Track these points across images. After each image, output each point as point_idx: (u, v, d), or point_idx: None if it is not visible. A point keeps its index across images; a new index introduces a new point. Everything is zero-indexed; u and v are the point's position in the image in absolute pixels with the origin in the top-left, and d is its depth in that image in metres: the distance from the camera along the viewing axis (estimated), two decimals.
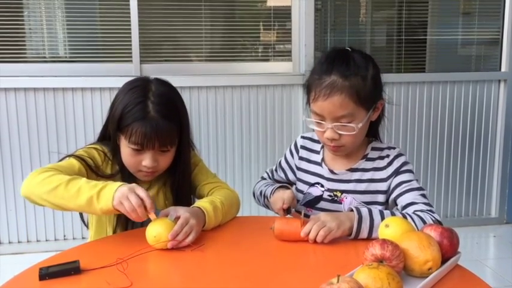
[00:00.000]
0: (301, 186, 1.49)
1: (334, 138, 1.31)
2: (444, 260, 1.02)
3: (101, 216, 1.38)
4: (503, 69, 3.21)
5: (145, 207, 1.15)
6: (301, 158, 1.50)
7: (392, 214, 1.25)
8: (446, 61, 3.32)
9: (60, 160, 1.33)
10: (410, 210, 1.28)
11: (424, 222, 1.22)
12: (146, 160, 1.32)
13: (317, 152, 1.48)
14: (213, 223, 1.27)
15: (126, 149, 1.34)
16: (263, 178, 1.61)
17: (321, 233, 1.17)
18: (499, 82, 3.21)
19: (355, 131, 1.29)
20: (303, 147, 1.51)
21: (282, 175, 1.56)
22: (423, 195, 1.32)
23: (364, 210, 1.22)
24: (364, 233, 1.20)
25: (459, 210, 3.31)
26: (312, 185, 1.45)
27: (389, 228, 1.10)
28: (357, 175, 1.39)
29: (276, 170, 1.58)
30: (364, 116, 1.31)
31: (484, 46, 3.28)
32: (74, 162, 1.31)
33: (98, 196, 1.16)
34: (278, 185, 1.46)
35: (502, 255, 2.93)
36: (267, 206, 1.50)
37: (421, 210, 1.26)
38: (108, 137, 1.40)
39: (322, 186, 1.43)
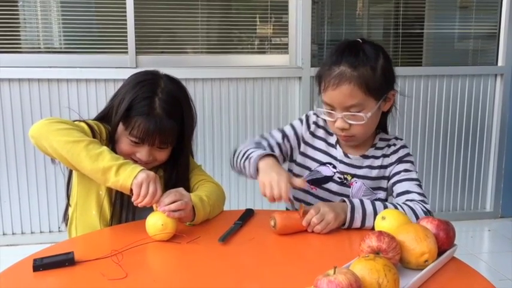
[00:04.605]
0: (309, 162, 1.46)
1: (344, 128, 1.32)
2: (440, 253, 1.03)
3: (89, 194, 1.35)
4: (500, 63, 3.21)
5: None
6: (313, 135, 1.46)
7: (384, 205, 1.27)
8: (443, 55, 3.31)
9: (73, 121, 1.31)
10: (402, 199, 1.32)
11: (414, 212, 1.25)
12: (142, 153, 1.33)
13: (331, 134, 1.46)
14: (201, 216, 1.27)
15: (124, 138, 1.34)
16: (257, 143, 1.44)
17: (318, 227, 1.20)
18: (496, 76, 3.21)
19: (365, 120, 1.30)
20: (316, 124, 1.47)
21: (288, 145, 1.46)
22: (419, 186, 1.35)
23: (356, 201, 1.25)
24: (357, 222, 1.23)
25: (454, 204, 3.32)
26: (323, 163, 1.45)
27: (386, 220, 1.10)
28: (368, 162, 1.42)
29: (281, 138, 1.45)
30: (374, 106, 1.32)
31: (481, 40, 3.27)
32: (85, 127, 1.29)
33: (118, 169, 1.17)
34: (267, 152, 1.33)
35: (496, 249, 2.94)
36: (240, 171, 1.39)
37: (413, 200, 1.29)
38: (105, 122, 1.39)
39: (334, 167, 1.43)
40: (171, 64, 2.89)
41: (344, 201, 1.26)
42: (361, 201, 1.25)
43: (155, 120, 1.29)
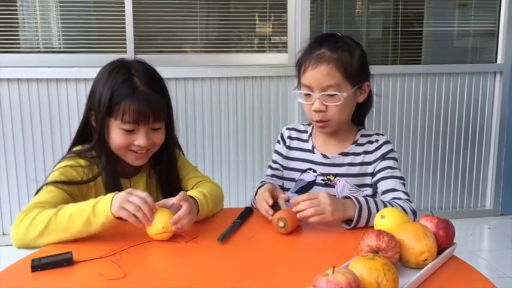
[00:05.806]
0: (292, 174, 1.51)
1: (321, 110, 1.36)
2: (440, 251, 1.02)
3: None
4: (499, 61, 3.20)
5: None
6: (289, 148, 1.53)
7: (384, 204, 1.27)
8: (442, 53, 3.31)
9: (38, 190, 1.25)
10: (389, 196, 1.35)
11: (404, 210, 1.26)
12: (140, 139, 1.28)
13: (305, 141, 1.51)
14: (205, 212, 1.27)
15: (117, 131, 1.29)
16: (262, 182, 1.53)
17: (311, 210, 1.18)
18: (495, 74, 3.21)
19: (341, 100, 1.34)
20: (289, 137, 1.54)
21: (278, 166, 1.55)
22: (403, 185, 1.39)
23: (363, 200, 1.24)
24: (362, 223, 1.23)
25: (454, 202, 3.32)
26: (303, 171, 1.48)
27: (385, 219, 1.10)
28: (349, 159, 1.44)
29: (272, 168, 1.55)
30: (350, 89, 1.36)
31: (480, 38, 3.27)
32: (54, 191, 1.24)
33: (93, 212, 1.13)
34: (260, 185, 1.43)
35: (496, 246, 2.94)
36: None
37: (399, 198, 1.32)
38: (88, 132, 1.36)
39: (314, 171, 1.46)
40: (170, 63, 2.89)
41: (348, 197, 1.25)
42: (366, 201, 1.24)
43: (143, 97, 1.26)
